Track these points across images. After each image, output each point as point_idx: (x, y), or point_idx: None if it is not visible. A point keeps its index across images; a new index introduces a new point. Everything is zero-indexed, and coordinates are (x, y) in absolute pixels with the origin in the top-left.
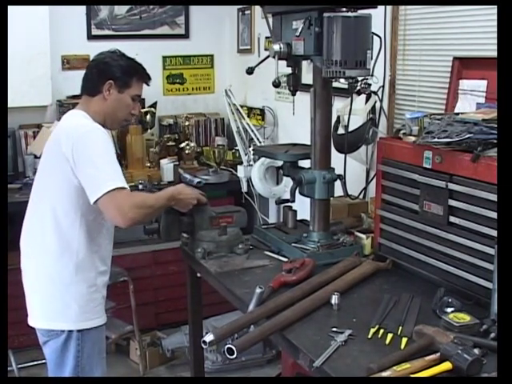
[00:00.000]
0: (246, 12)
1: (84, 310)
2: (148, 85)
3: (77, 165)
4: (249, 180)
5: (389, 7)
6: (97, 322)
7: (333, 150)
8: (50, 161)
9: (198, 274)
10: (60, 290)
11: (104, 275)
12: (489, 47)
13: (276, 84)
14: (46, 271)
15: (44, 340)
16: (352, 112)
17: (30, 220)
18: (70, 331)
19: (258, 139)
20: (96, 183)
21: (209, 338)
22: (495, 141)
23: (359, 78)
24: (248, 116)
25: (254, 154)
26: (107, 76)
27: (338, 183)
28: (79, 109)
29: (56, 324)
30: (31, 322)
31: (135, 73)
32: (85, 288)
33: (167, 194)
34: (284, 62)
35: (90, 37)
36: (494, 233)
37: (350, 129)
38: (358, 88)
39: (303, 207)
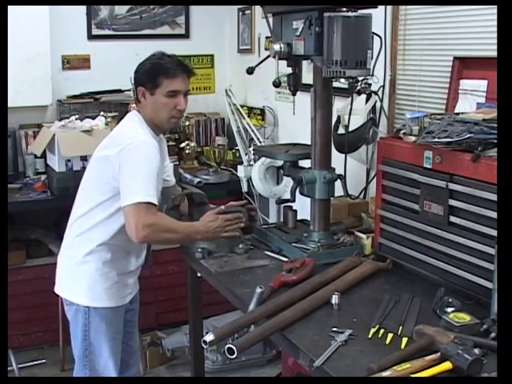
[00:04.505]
0: (247, 12)
1: (92, 289)
2: (189, 76)
3: (120, 171)
4: (249, 180)
5: (389, 7)
6: (103, 304)
7: (333, 149)
8: (97, 160)
9: (198, 274)
10: (73, 267)
11: (122, 263)
12: (489, 47)
13: (276, 84)
14: (67, 248)
15: (65, 308)
16: (352, 112)
17: (73, 208)
18: (79, 304)
19: (258, 139)
20: (127, 191)
21: (209, 337)
22: (495, 141)
23: (359, 78)
24: (248, 116)
25: (254, 154)
26: (138, 83)
27: (338, 183)
28: (137, 109)
29: (68, 295)
30: (55, 288)
31: (160, 71)
32: (93, 270)
33: (193, 228)
34: (284, 62)
35: (91, 37)
36: (494, 233)
37: (351, 129)
38: (359, 88)
39: (303, 207)
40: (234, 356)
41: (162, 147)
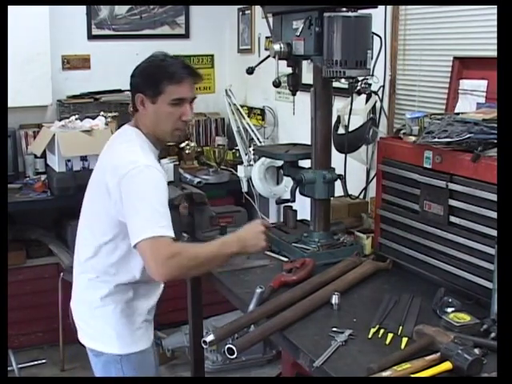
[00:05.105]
0: (246, 12)
1: (121, 334)
2: (195, 81)
3: (123, 204)
4: (249, 180)
5: (389, 7)
6: (136, 348)
7: (333, 149)
8: (95, 188)
9: None
10: (94, 312)
11: (145, 299)
12: (489, 47)
13: (276, 84)
14: (82, 291)
15: (93, 360)
16: (352, 112)
17: (78, 243)
18: (109, 354)
19: (258, 139)
20: (135, 227)
21: (209, 337)
22: (495, 141)
23: (359, 78)
24: (248, 116)
25: (254, 154)
26: (136, 89)
27: (338, 183)
28: (132, 125)
29: (95, 344)
30: (79, 337)
31: (163, 75)
32: (118, 313)
33: (225, 240)
34: (284, 62)
35: (91, 37)
36: (494, 233)
37: (351, 129)
38: (359, 88)
39: (303, 207)
40: (234, 356)
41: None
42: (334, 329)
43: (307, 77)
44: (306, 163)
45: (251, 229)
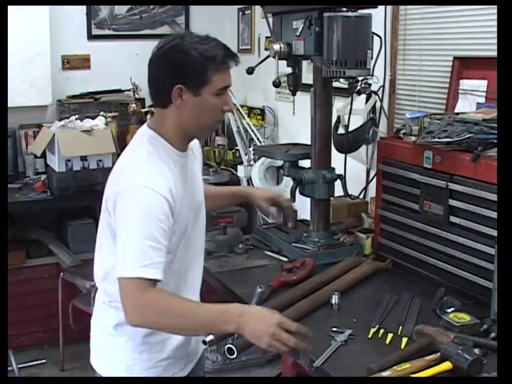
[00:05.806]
0: (246, 12)
1: (129, 369)
2: (236, 64)
3: (116, 227)
4: (249, 180)
5: (389, 7)
6: None
7: (333, 149)
8: (104, 201)
9: None
10: (107, 338)
11: (169, 334)
12: (489, 47)
13: (276, 84)
14: (98, 312)
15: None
16: (352, 112)
17: (95, 257)
18: None
19: (258, 139)
20: (119, 259)
21: (209, 337)
22: (495, 141)
23: (359, 78)
24: (248, 116)
25: (254, 154)
26: (172, 80)
27: (338, 183)
28: (152, 127)
29: (102, 370)
30: (91, 358)
31: (210, 62)
32: (130, 347)
33: (222, 324)
34: (284, 62)
35: (91, 37)
36: (494, 233)
37: (351, 129)
38: (359, 88)
39: (303, 207)
40: (234, 356)
41: (189, 162)
42: (334, 329)
43: (307, 77)
44: (306, 163)
45: (264, 320)
